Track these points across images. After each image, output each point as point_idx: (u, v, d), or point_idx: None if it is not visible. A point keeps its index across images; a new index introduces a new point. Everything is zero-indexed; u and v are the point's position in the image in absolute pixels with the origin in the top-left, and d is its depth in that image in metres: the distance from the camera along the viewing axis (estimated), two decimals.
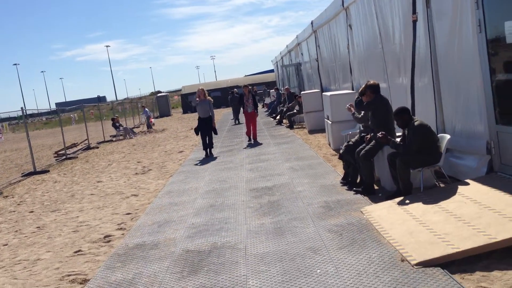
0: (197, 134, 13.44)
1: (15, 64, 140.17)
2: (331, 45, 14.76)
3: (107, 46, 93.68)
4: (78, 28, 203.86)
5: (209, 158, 12.70)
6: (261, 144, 14.02)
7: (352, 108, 7.78)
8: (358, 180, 7.34)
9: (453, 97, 6.69)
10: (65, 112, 39.87)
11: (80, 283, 5.05)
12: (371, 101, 6.91)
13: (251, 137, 14.97)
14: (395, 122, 6.61)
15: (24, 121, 16.07)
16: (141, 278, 4.89)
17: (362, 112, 7.51)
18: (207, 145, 13.07)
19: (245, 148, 13.74)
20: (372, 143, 6.90)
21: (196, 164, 11.95)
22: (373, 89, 6.92)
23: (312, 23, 16.92)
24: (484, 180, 5.72)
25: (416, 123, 6.09)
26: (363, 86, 7.11)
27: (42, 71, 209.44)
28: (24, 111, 15.73)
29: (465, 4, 6.07)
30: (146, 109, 31.89)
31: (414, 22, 7.27)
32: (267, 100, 32.05)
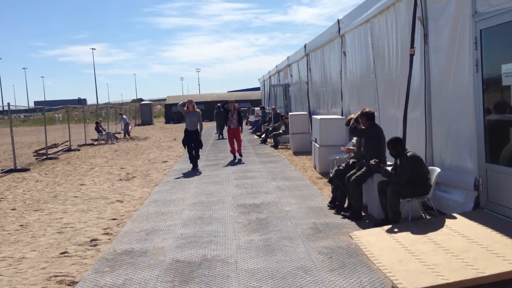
0: (185, 147, 13.25)
1: None
2: (323, 69, 15.02)
3: (92, 49, 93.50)
4: (62, 28, 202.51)
5: (195, 170, 12.69)
6: (243, 163, 13.84)
7: (348, 150, 8.07)
8: (346, 205, 7.47)
9: (444, 131, 6.91)
10: (51, 111, 39.34)
11: (68, 285, 5.01)
12: (365, 128, 7.09)
13: (236, 154, 14.82)
14: (387, 151, 6.80)
15: (10, 117, 15.85)
16: (131, 284, 4.89)
17: (354, 138, 7.69)
18: (194, 157, 13.03)
19: (229, 164, 13.75)
20: (363, 170, 7.05)
21: (181, 175, 11.95)
22: (368, 117, 7.11)
23: (305, 46, 17.21)
24: (471, 215, 5.90)
25: (409, 154, 6.27)
26: (359, 113, 7.30)
27: (24, 68, 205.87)
28: (13, 106, 15.52)
29: (463, 43, 6.33)
30: (124, 116, 31.74)
31: (411, 55, 7.51)
32: (251, 118, 32.24)
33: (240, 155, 14.92)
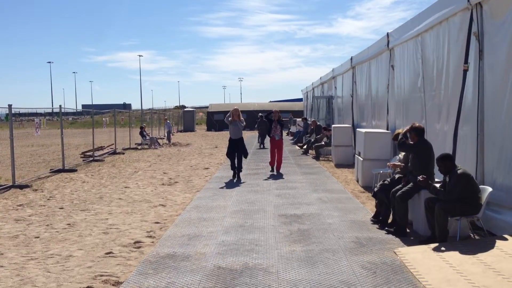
0: (229, 158, 12.97)
1: (49, 62, 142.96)
2: (369, 82, 14.86)
3: (139, 56, 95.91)
4: (112, 35, 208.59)
5: (236, 180, 12.55)
6: (283, 174, 13.45)
7: (394, 166, 7.90)
8: (389, 220, 7.33)
9: (497, 150, 6.68)
10: (98, 114, 40.55)
11: (113, 285, 5.12)
12: (414, 143, 6.95)
13: (275, 167, 14.06)
14: (435, 167, 6.63)
15: (61, 119, 16.43)
16: None
17: (402, 153, 7.54)
18: (236, 167, 12.85)
19: (270, 174, 13.69)
20: (409, 185, 6.91)
21: (223, 183, 12.03)
22: (418, 132, 6.97)
23: (351, 58, 17.09)
24: None
25: (459, 171, 6.10)
26: (407, 127, 7.17)
27: (74, 72, 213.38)
28: (63, 109, 16.09)
29: None
30: (168, 121, 32.31)
31: (465, 71, 7.32)
32: (293, 129, 32.20)
33: (278, 170, 13.99)
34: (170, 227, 7.56)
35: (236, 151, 12.85)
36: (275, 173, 13.78)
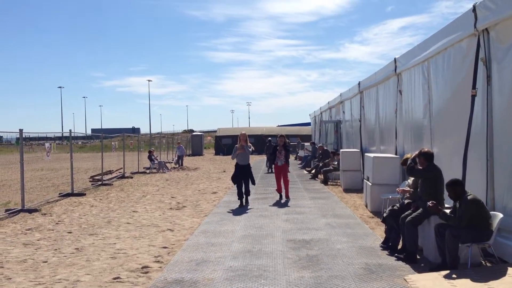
0: (234, 183, 12.81)
1: (60, 87, 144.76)
2: (377, 107, 14.88)
3: (149, 81, 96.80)
4: (122, 60, 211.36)
5: (243, 206, 12.11)
6: (292, 199, 13.28)
7: (403, 191, 7.87)
8: (399, 246, 7.25)
9: (507, 175, 6.63)
10: (107, 138, 40.85)
11: None
12: (423, 168, 6.92)
13: (283, 194, 13.59)
14: (445, 193, 6.59)
15: (71, 143, 16.57)
16: None
17: (411, 178, 7.51)
18: (243, 193, 12.44)
19: (278, 199, 13.56)
20: (419, 211, 6.86)
21: (231, 207, 12.00)
22: (427, 157, 6.95)
23: (359, 83, 17.17)
24: None
25: (469, 197, 6.05)
26: (416, 152, 7.16)
27: (84, 97, 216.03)
28: (73, 133, 16.24)
29: None
30: (181, 145, 32.39)
31: (473, 96, 7.33)
32: (301, 153, 32.18)
33: (287, 197, 13.52)
34: (178, 252, 7.53)
35: (243, 177, 12.54)
36: (283, 200, 13.31)
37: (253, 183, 12.82)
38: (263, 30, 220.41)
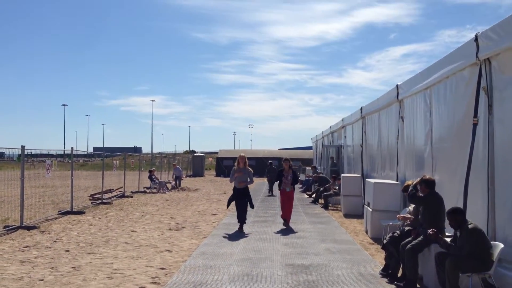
0: (228, 206, 12.65)
1: (64, 105, 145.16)
2: (378, 133, 14.92)
3: (152, 100, 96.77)
4: (126, 80, 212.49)
5: (240, 232, 11.62)
6: (290, 227, 12.56)
7: (404, 218, 7.85)
8: (399, 274, 7.18)
9: (509, 205, 6.60)
10: (108, 157, 40.89)
11: None
12: (425, 196, 6.91)
13: (288, 220, 12.83)
14: (446, 221, 6.55)
15: (72, 161, 16.58)
16: None
17: (412, 205, 7.48)
18: (242, 218, 11.98)
19: (278, 222, 13.47)
20: (420, 238, 6.81)
21: (230, 230, 11.93)
22: (428, 184, 6.95)
23: (361, 109, 17.25)
24: None
25: (470, 226, 6.02)
26: (418, 179, 7.15)
27: (87, 115, 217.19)
28: (75, 151, 16.26)
29: None
30: (177, 166, 32.32)
31: (475, 125, 7.35)
32: (302, 177, 32.12)
33: (288, 220, 12.86)
34: (175, 274, 7.47)
35: (242, 200, 12.10)
36: (286, 227, 12.54)
37: (252, 207, 12.41)
38: (267, 53, 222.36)
